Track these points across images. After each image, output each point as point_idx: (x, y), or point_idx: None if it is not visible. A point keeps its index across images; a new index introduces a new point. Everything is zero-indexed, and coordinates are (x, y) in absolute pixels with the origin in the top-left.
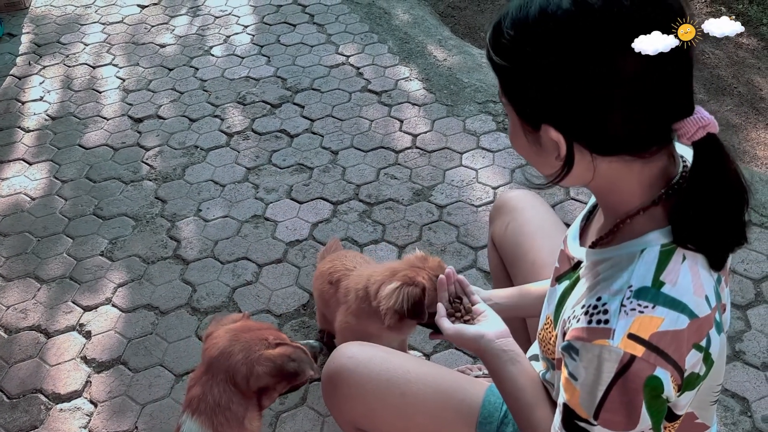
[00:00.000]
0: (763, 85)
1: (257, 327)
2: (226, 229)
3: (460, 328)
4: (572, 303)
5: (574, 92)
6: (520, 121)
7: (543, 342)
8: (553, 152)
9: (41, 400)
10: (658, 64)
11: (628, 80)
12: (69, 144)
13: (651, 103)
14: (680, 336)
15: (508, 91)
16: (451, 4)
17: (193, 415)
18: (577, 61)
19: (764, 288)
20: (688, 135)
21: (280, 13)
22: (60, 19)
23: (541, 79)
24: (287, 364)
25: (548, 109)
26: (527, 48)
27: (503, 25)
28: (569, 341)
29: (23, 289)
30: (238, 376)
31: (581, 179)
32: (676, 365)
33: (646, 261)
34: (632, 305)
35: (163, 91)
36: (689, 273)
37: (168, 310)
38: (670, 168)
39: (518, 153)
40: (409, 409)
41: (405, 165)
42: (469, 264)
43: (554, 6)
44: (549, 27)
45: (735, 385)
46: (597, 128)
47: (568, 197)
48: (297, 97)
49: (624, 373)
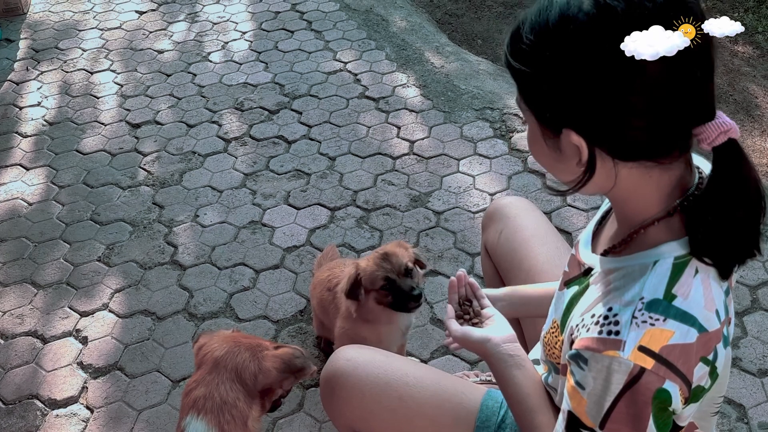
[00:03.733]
0: (758, 93)
1: (251, 336)
2: (223, 234)
3: (467, 330)
4: (581, 310)
5: (596, 95)
6: (540, 127)
7: (548, 346)
8: (574, 158)
9: (37, 406)
10: (681, 66)
11: (650, 83)
12: (66, 149)
13: (673, 106)
14: (689, 349)
15: (527, 97)
16: (448, 12)
17: (199, 415)
18: (598, 64)
19: (760, 295)
20: (709, 140)
21: (278, 19)
22: (58, 24)
23: (562, 82)
24: (294, 360)
25: (569, 113)
26: (547, 52)
27: (522, 30)
28: (578, 350)
29: (20, 294)
30: (246, 373)
31: (602, 186)
32: (684, 378)
33: (659, 273)
34: (643, 317)
35: (161, 96)
36: (701, 287)
37: (165, 315)
38: (687, 178)
39: (537, 160)
40: (406, 413)
41: (402, 171)
42: (466, 270)
43: (575, 9)
44: (570, 30)
45: (731, 392)
46: (619, 132)
47: (564, 204)
48: (295, 104)
49: (633, 385)
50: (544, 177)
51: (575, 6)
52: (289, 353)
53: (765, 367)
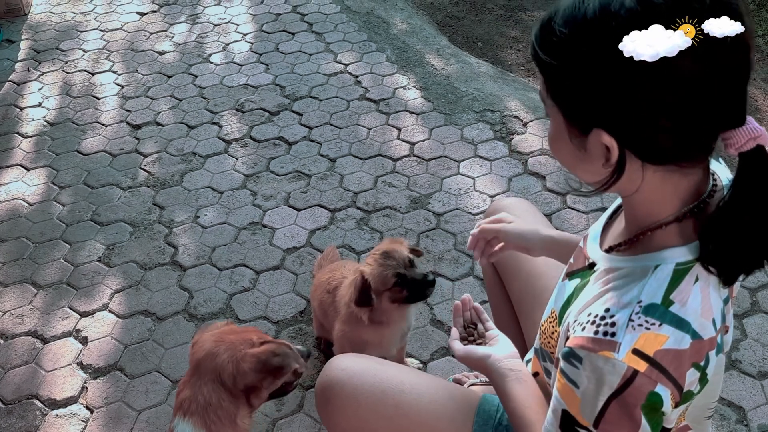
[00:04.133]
0: (757, 96)
1: (241, 330)
2: (223, 235)
3: (470, 348)
4: (578, 307)
5: (632, 95)
6: (567, 124)
7: (544, 334)
8: (600, 158)
9: (37, 406)
10: (717, 68)
11: (686, 83)
12: (67, 150)
13: (707, 108)
14: (682, 355)
15: (555, 92)
16: (449, 14)
17: (185, 417)
18: (643, 69)
19: (760, 297)
20: (737, 145)
21: (278, 21)
22: (59, 25)
23: (598, 80)
24: (271, 359)
25: (603, 113)
26: (584, 47)
27: (554, 22)
28: (572, 348)
29: (20, 294)
30: (224, 375)
31: (625, 189)
32: (676, 383)
33: (659, 278)
34: (640, 320)
35: (162, 98)
36: (699, 295)
37: (165, 316)
38: (703, 183)
39: (558, 158)
40: (403, 421)
41: (403, 173)
42: (466, 272)
43: (617, 4)
44: (611, 26)
45: (731, 394)
46: (651, 134)
47: (564, 206)
48: (295, 105)
49: (627, 387)
50: (544, 179)
51: (617, 0)
52: (268, 352)
53: (765, 369)
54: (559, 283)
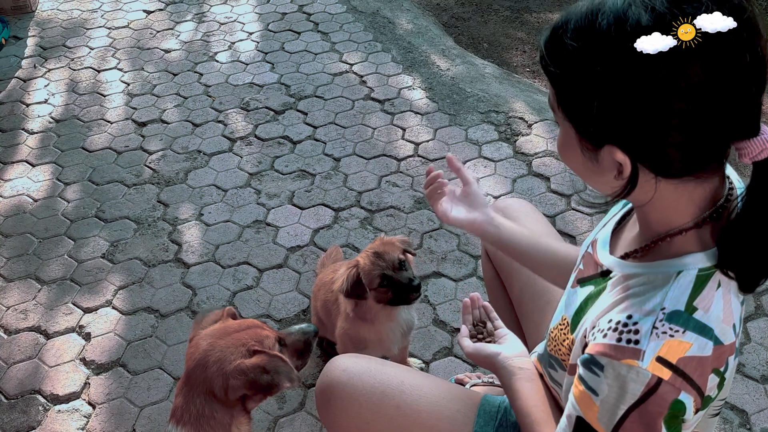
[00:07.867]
0: None
1: (235, 329)
2: (227, 233)
3: (479, 345)
4: (596, 313)
5: (647, 114)
6: (579, 137)
7: (554, 341)
8: (612, 171)
9: (39, 401)
10: (728, 80)
11: (697, 91)
12: (72, 147)
13: (718, 119)
14: (705, 362)
15: (566, 105)
16: (455, 15)
17: (178, 425)
18: (655, 81)
19: (764, 301)
20: (751, 155)
21: (284, 20)
22: (66, 23)
23: (612, 97)
24: (260, 378)
25: (616, 130)
26: (598, 65)
27: (564, 33)
28: (592, 355)
29: (24, 290)
30: (215, 388)
31: (639, 200)
32: (699, 390)
33: (682, 284)
34: (664, 328)
35: (168, 95)
36: (722, 301)
37: (168, 313)
38: (719, 190)
39: (568, 165)
40: (404, 422)
41: (407, 173)
42: (470, 272)
43: (633, 20)
44: (626, 41)
45: (734, 398)
46: (663, 150)
47: (568, 208)
48: (300, 104)
49: (650, 396)
50: (548, 181)
51: (634, 16)
52: (259, 367)
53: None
54: (568, 290)
